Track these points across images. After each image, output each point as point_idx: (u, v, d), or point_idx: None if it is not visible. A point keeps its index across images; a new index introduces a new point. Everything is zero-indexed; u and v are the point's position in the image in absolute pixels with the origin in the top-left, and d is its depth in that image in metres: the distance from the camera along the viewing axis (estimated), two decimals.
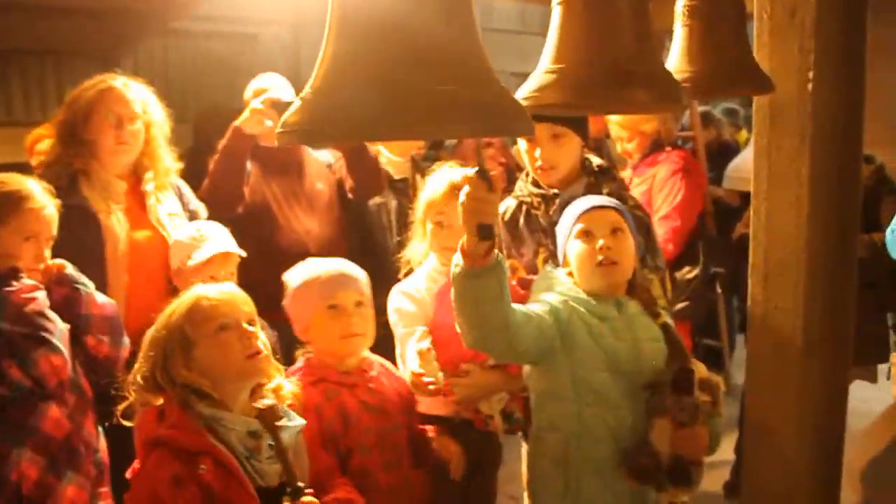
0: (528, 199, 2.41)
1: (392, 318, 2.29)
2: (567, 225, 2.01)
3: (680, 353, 1.93)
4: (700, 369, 1.91)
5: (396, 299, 2.29)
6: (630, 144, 3.48)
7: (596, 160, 2.43)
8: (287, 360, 2.06)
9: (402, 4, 1.13)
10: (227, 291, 1.78)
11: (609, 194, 2.22)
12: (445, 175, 2.32)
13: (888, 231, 1.95)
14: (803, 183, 1.76)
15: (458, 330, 1.78)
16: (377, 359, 2.14)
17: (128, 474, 1.68)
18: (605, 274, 1.94)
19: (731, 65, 1.66)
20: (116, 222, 2.44)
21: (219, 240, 2.42)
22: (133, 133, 2.50)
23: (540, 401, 2.05)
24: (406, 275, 2.40)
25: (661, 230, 3.04)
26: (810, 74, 1.72)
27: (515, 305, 1.77)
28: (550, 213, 2.33)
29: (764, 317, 1.86)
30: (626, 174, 3.41)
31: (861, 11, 1.75)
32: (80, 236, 2.31)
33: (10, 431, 1.97)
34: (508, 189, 2.61)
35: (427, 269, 2.33)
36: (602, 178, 2.38)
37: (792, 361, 1.84)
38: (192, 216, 2.66)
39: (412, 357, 2.11)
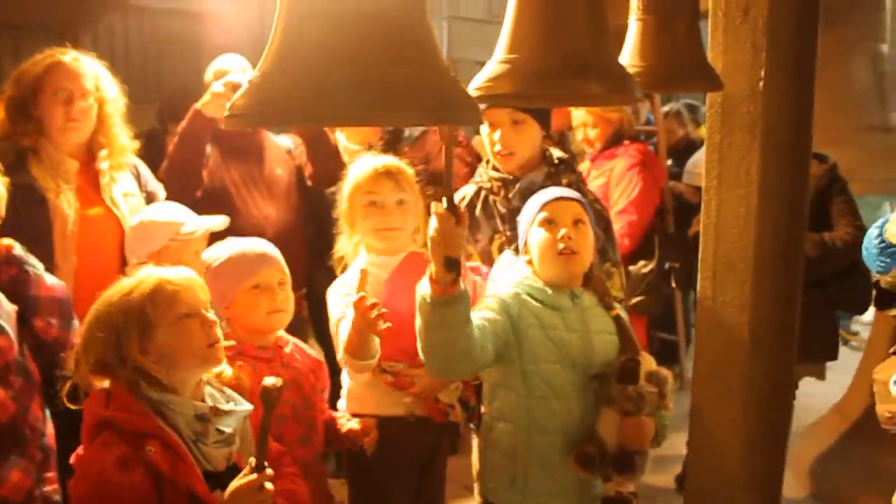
0: (488, 185, 2.42)
1: (333, 312, 2.20)
2: (531, 213, 2.03)
3: (630, 345, 1.95)
4: (648, 362, 1.94)
5: (336, 292, 2.22)
6: (593, 131, 3.50)
7: (557, 152, 2.46)
8: None
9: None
10: (188, 277, 1.74)
11: (568, 186, 2.24)
12: (367, 161, 2.29)
13: (863, 247, 2.00)
14: (753, 179, 1.79)
15: (423, 357, 1.80)
16: (290, 337, 2.15)
17: (72, 460, 1.66)
18: (564, 263, 1.96)
19: (683, 61, 1.67)
20: (66, 202, 2.38)
21: (199, 218, 2.41)
22: (83, 110, 2.44)
23: (491, 391, 2.06)
24: (342, 272, 2.32)
25: (617, 224, 3.07)
26: (762, 72, 1.74)
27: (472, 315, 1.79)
28: (510, 197, 2.35)
29: (712, 311, 1.89)
30: (583, 167, 3.43)
31: (813, 11, 1.77)
32: (28, 216, 2.26)
33: None
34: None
35: (361, 262, 2.23)
36: (561, 170, 2.41)
37: (738, 356, 1.86)
38: (150, 197, 2.62)
39: (344, 330, 2.05)
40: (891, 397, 1.87)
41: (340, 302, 2.15)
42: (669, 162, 4.40)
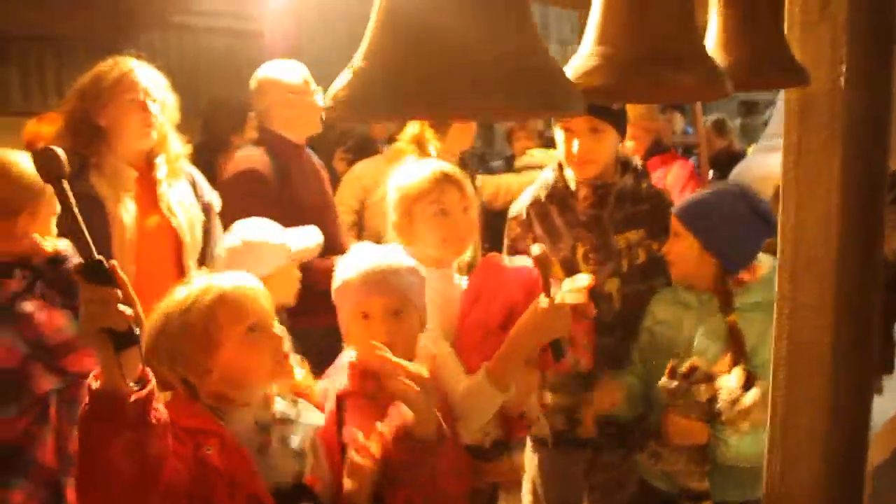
0: (563, 191, 2.35)
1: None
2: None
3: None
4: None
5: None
6: (631, 143, 3.47)
7: (634, 158, 2.45)
8: None
9: None
10: (252, 286, 1.62)
11: (647, 188, 2.33)
12: (423, 165, 2.13)
13: None
14: (834, 178, 1.74)
15: None
16: None
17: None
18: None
19: (767, 56, 1.63)
20: (124, 211, 2.39)
21: (303, 234, 2.32)
22: (156, 116, 2.46)
23: None
24: None
25: None
26: (842, 68, 1.70)
27: None
28: (592, 204, 2.31)
29: (791, 313, 1.84)
30: None
31: (891, 6, 1.74)
32: (87, 225, 2.24)
33: None
34: None
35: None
36: (641, 173, 2.39)
37: (820, 363, 1.81)
38: (206, 208, 2.62)
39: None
40: None
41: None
42: (711, 173, 4.37)
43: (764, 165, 3.41)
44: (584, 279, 2.06)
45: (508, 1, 1.12)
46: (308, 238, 2.31)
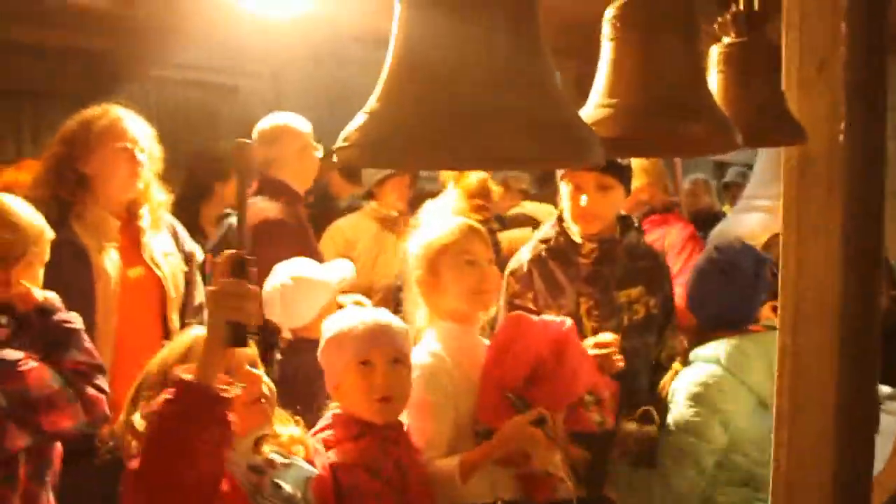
0: (576, 242, 2.31)
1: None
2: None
3: None
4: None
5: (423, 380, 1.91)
6: (643, 195, 3.45)
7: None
8: None
9: (472, 23, 1.10)
10: None
11: (637, 245, 2.31)
12: (447, 219, 2.18)
13: None
14: (833, 232, 1.75)
15: None
16: None
17: None
18: None
19: (765, 113, 1.65)
20: (108, 261, 2.32)
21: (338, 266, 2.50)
22: (143, 166, 2.41)
23: None
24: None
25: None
26: (841, 126, 1.72)
27: None
28: (596, 260, 2.29)
29: (794, 366, 1.83)
30: None
31: (882, 61, 1.78)
32: (72, 274, 2.19)
33: None
34: None
35: (438, 334, 2.02)
36: (638, 229, 2.41)
37: (820, 411, 1.80)
38: (188, 258, 2.56)
39: None
40: None
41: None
42: None
43: (745, 225, 3.45)
44: (608, 336, 2.07)
45: (529, 50, 1.11)
46: (343, 270, 2.46)
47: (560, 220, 2.37)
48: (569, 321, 2.01)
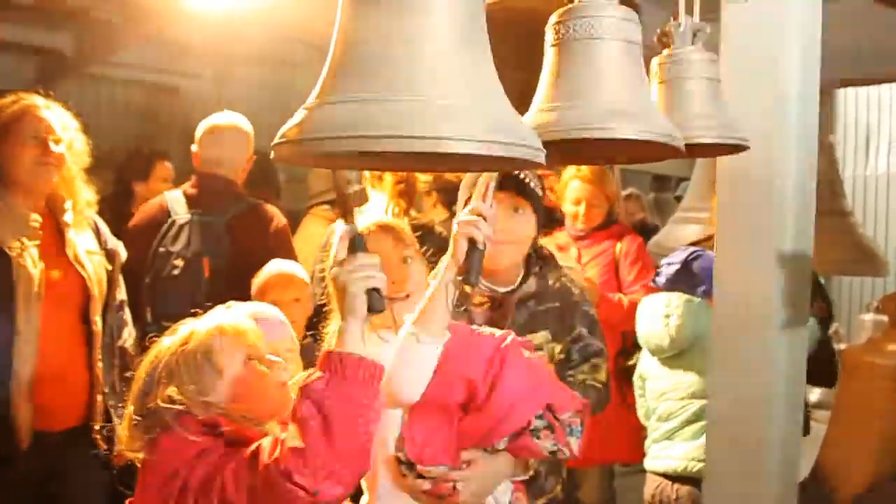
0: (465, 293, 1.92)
1: None
2: None
3: None
4: None
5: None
6: (594, 210, 3.42)
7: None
8: None
9: (413, 21, 1.08)
10: (244, 322, 1.59)
11: (554, 284, 2.04)
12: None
13: None
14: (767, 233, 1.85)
15: None
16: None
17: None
18: None
19: (705, 123, 1.66)
20: (30, 261, 2.18)
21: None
22: (57, 155, 2.26)
23: None
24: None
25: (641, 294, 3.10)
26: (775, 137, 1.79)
27: None
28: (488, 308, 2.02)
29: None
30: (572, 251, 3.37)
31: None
32: None
33: None
34: None
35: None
36: (547, 268, 2.08)
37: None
38: (110, 255, 2.44)
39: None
40: None
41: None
42: None
43: (679, 238, 3.52)
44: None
45: (468, 47, 1.10)
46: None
47: None
48: (512, 335, 1.76)
